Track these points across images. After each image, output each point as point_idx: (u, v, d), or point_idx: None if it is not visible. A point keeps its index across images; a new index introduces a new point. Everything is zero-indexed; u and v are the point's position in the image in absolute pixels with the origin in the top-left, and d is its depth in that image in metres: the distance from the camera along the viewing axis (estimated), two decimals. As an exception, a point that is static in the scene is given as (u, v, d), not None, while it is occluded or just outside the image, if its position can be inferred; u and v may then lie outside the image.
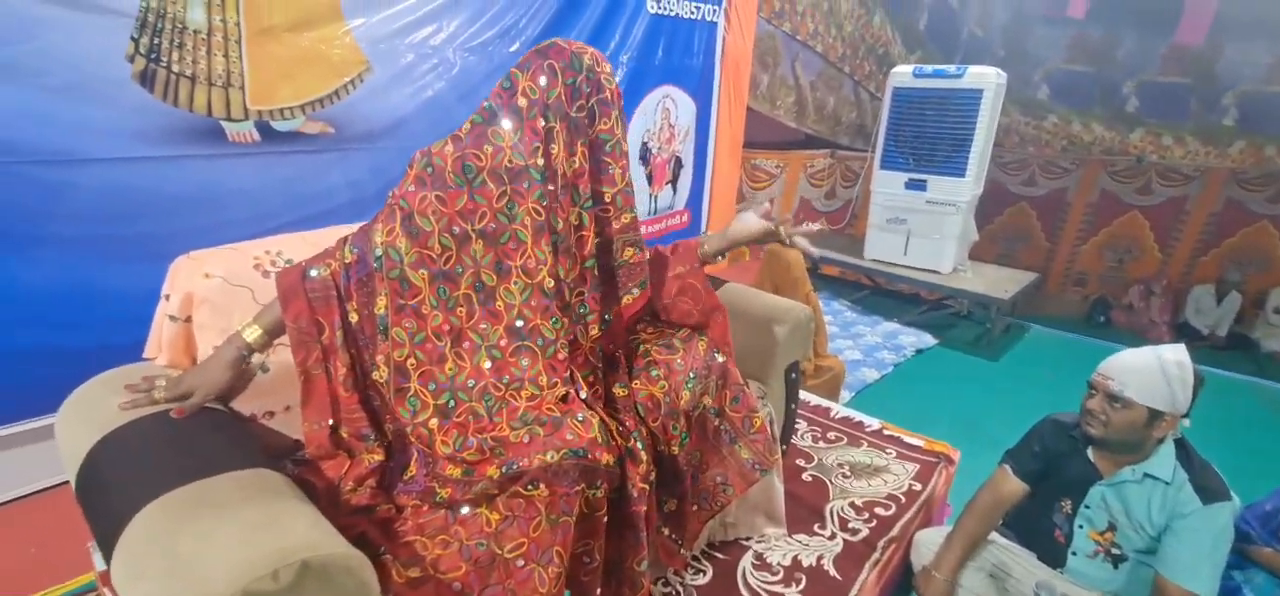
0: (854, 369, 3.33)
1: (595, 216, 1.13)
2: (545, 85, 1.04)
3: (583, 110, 1.07)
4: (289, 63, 2.01)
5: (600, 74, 1.09)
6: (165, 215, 1.81)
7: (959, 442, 2.09)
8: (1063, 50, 5.30)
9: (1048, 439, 1.62)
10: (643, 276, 1.18)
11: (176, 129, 1.81)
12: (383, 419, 1.07)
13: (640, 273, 1.18)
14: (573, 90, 1.06)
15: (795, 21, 4.44)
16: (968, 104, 3.62)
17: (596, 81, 1.08)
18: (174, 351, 1.08)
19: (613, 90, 1.11)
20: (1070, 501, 1.56)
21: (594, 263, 1.13)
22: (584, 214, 1.10)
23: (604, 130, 1.11)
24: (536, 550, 0.93)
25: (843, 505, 1.72)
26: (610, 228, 1.15)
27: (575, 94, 1.06)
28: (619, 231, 1.15)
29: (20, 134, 1.55)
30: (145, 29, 1.71)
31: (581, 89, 1.06)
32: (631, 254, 1.17)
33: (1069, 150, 5.49)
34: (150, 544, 0.67)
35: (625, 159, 1.15)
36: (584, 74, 1.07)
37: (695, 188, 3.85)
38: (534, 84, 1.04)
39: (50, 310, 1.65)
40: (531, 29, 2.64)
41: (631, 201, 1.17)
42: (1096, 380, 1.49)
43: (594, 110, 1.09)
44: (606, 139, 1.11)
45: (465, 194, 1.04)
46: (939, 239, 3.88)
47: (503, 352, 1.08)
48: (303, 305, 1.00)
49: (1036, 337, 4.23)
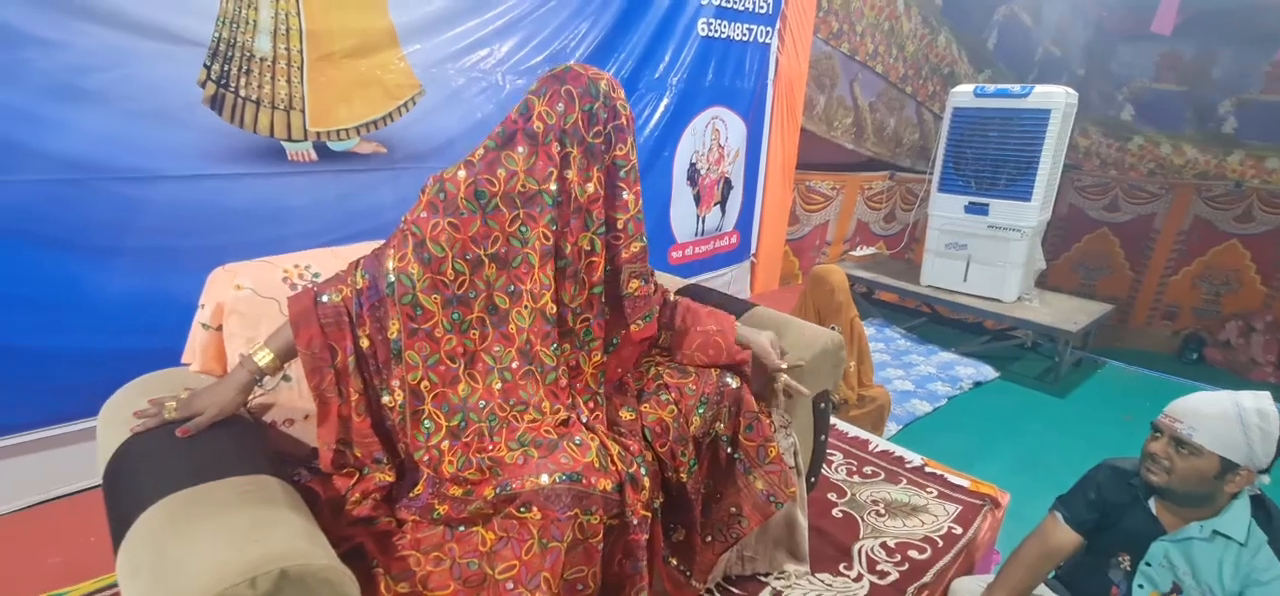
0: (903, 400, 3.19)
1: (607, 242, 1.13)
2: (562, 111, 1.06)
3: (600, 136, 1.08)
4: (346, 87, 2.12)
5: (616, 100, 1.10)
6: (228, 228, 1.94)
7: (1013, 484, 1.96)
8: (1150, 68, 4.97)
9: (1105, 486, 1.49)
10: (648, 309, 1.17)
11: (241, 149, 1.94)
12: (396, 441, 1.08)
13: (645, 305, 1.17)
14: (590, 116, 1.07)
15: (854, 42, 4.34)
16: (1034, 125, 3.43)
17: (613, 107, 1.09)
18: (206, 358, 1.15)
19: (627, 116, 1.12)
20: (1129, 556, 1.43)
21: (602, 289, 1.13)
22: (596, 239, 1.11)
23: (620, 155, 1.11)
24: (526, 573, 0.93)
25: (873, 545, 1.63)
26: (620, 255, 1.15)
27: (592, 120, 1.07)
28: (628, 260, 1.15)
29: (104, 153, 1.69)
30: (217, 57, 1.85)
31: (598, 115, 1.07)
32: (637, 286, 1.16)
33: (1157, 173, 5.13)
34: (147, 543, 0.71)
35: (638, 185, 1.15)
36: (601, 100, 1.08)
37: (745, 209, 3.81)
38: (551, 109, 1.06)
39: (123, 315, 1.79)
40: (580, 52, 2.69)
41: (642, 230, 1.16)
42: (1162, 422, 1.36)
43: (611, 136, 1.10)
44: (622, 165, 1.12)
45: (478, 219, 1.06)
46: (1002, 266, 3.68)
47: (513, 375, 1.09)
48: (315, 330, 1.01)
49: (1112, 374, 3.93)
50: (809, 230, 4.56)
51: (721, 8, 3.17)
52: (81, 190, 1.66)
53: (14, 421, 1.68)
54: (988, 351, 3.95)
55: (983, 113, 3.61)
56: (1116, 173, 5.31)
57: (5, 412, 1.66)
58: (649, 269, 1.19)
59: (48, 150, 1.59)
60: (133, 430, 0.93)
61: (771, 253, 4.00)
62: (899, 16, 4.48)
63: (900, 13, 4.48)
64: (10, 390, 1.64)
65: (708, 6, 3.11)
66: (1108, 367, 4.00)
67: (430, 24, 2.25)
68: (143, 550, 0.71)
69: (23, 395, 1.66)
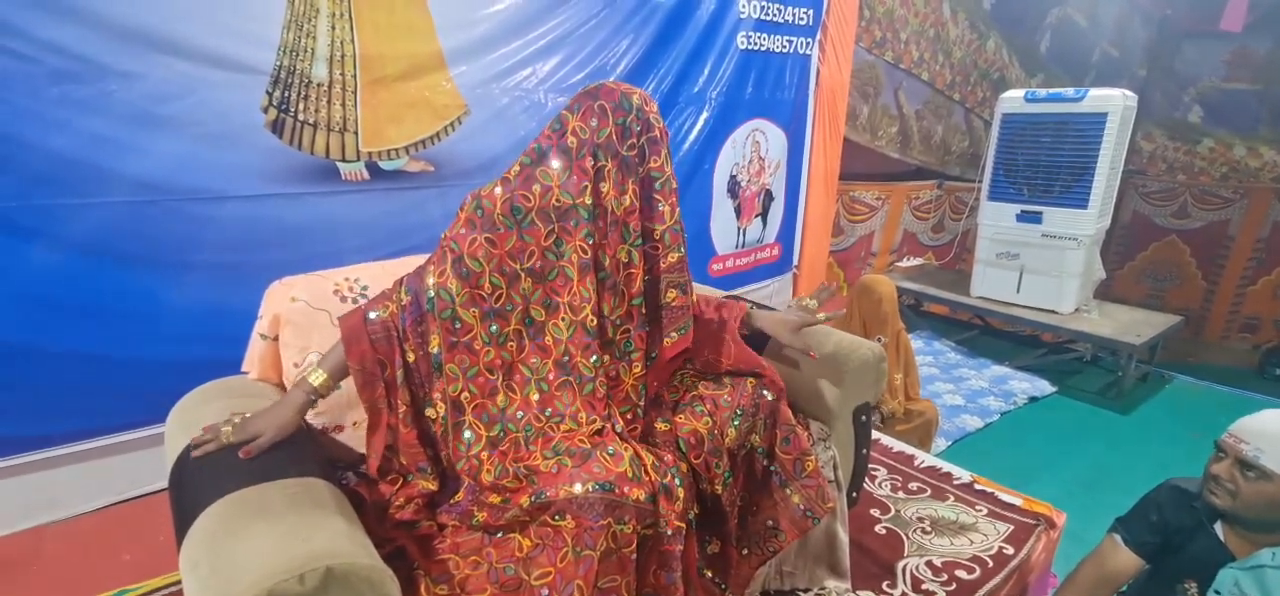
0: (952, 415, 3.09)
1: (645, 253, 1.15)
2: (596, 125, 1.09)
3: (634, 149, 1.10)
4: (397, 108, 2.21)
5: (649, 113, 1.12)
6: (286, 245, 2.04)
7: (1072, 505, 1.88)
8: (1219, 67, 4.71)
9: (1167, 508, 1.42)
10: (684, 321, 1.18)
11: (298, 169, 2.05)
12: (439, 451, 1.12)
13: (682, 316, 1.18)
14: (623, 129, 1.09)
15: (898, 50, 4.26)
16: (1090, 129, 3.30)
17: (645, 120, 1.11)
18: (263, 367, 1.21)
19: (660, 129, 1.14)
20: (1196, 584, 1.35)
21: (642, 300, 1.14)
22: (634, 251, 1.12)
23: (655, 167, 1.13)
24: (561, 580, 0.95)
25: (918, 563, 1.59)
26: (658, 266, 1.16)
27: (625, 133, 1.09)
28: (666, 270, 1.16)
29: (176, 176, 1.81)
30: (278, 84, 1.95)
31: (632, 128, 1.10)
32: (674, 297, 1.17)
33: (1230, 177, 4.84)
34: (205, 540, 0.76)
35: (675, 196, 1.17)
36: (634, 114, 1.10)
37: (786, 221, 3.77)
38: (584, 124, 1.09)
39: (192, 327, 1.90)
40: (620, 69, 2.73)
41: (679, 240, 1.18)
42: (1227, 441, 1.29)
43: (644, 149, 1.12)
44: (656, 176, 1.14)
45: (514, 235, 1.09)
46: (1058, 276, 3.53)
47: (549, 385, 1.12)
48: (366, 347, 1.06)
49: (1181, 390, 3.72)
50: (854, 241, 4.48)
51: (761, 21, 3.17)
52: (156, 211, 1.78)
53: (94, 426, 1.80)
54: (1044, 365, 3.79)
55: (1034, 118, 3.50)
56: (1185, 177, 5.03)
57: (87, 418, 1.78)
58: (687, 278, 1.20)
59: (128, 174, 1.71)
60: (193, 455, 0.95)
61: (814, 264, 3.94)
62: (945, 22, 4.38)
63: (946, 19, 4.38)
64: (93, 396, 1.77)
65: (747, 20, 3.11)
66: (1176, 383, 3.78)
67: (476, 46, 2.33)
68: (201, 547, 0.76)
69: (104, 401, 1.79)
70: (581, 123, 1.09)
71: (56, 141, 1.60)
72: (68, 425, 1.76)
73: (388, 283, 1.30)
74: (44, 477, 1.75)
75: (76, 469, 1.79)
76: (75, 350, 1.72)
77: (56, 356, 1.70)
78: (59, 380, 1.72)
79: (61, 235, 1.65)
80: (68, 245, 1.66)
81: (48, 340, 1.68)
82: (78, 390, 1.75)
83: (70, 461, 1.78)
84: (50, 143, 1.59)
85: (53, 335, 1.68)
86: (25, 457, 1.72)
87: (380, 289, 1.28)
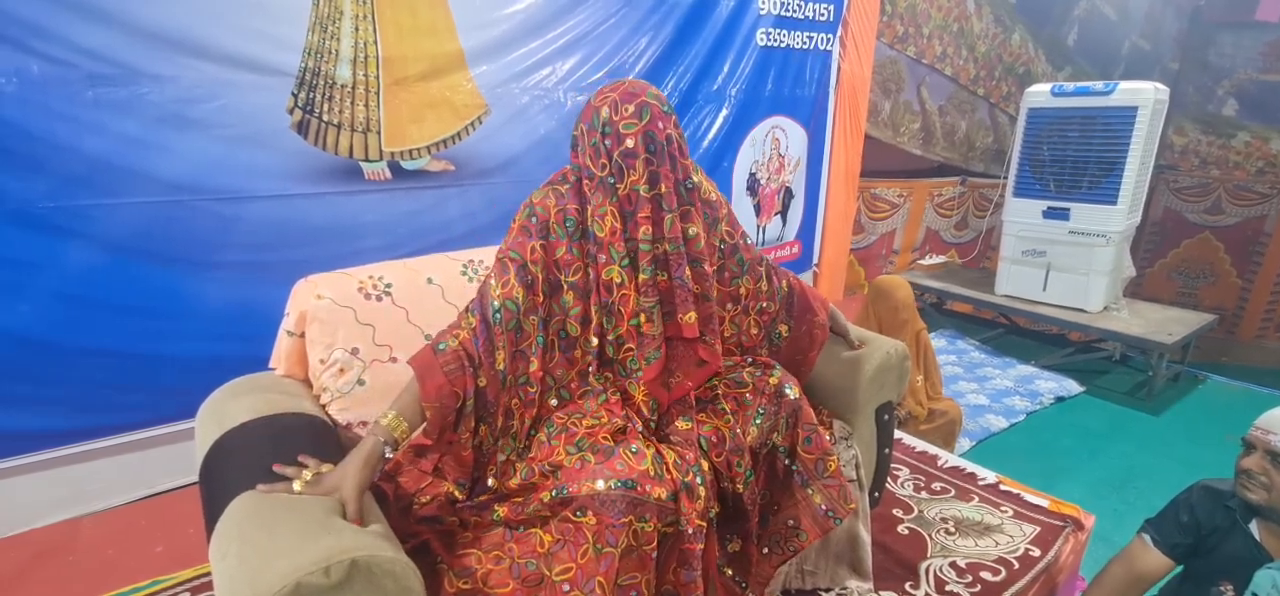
0: (976, 415, 3.04)
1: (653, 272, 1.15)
2: (583, 143, 1.12)
3: (606, 168, 1.11)
4: (418, 108, 2.24)
5: (617, 124, 1.09)
6: (311, 242, 2.08)
7: (1100, 506, 1.85)
8: (1255, 59, 4.58)
9: (1198, 508, 1.38)
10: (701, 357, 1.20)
11: (322, 169, 2.08)
12: (485, 469, 1.11)
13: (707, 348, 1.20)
14: (596, 150, 1.10)
15: (921, 45, 4.21)
16: (1120, 123, 3.23)
17: (616, 134, 1.08)
18: (289, 363, 1.23)
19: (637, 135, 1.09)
20: (1232, 586, 1.32)
21: (639, 321, 1.14)
22: (624, 274, 1.13)
23: (633, 182, 1.10)
24: (582, 576, 0.95)
25: (942, 564, 1.57)
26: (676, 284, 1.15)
27: (598, 154, 1.10)
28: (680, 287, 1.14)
29: (205, 176, 1.85)
30: (303, 86, 1.99)
31: (602, 148, 1.09)
32: (691, 318, 1.16)
33: (1267, 172, 4.70)
34: (234, 532, 0.78)
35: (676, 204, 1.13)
36: (601, 130, 1.09)
37: (806, 218, 3.74)
38: (582, 141, 1.13)
39: (219, 324, 1.94)
40: (639, 68, 2.73)
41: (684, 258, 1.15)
42: (1254, 435, 1.26)
43: (621, 167, 1.10)
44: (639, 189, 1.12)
45: (564, 245, 1.12)
46: (1085, 273, 3.46)
47: (572, 394, 1.15)
48: (441, 379, 1.01)
49: (1215, 390, 3.62)
50: (875, 239, 4.43)
51: (781, 17, 3.14)
52: (185, 210, 1.82)
53: (126, 421, 1.85)
54: (1071, 365, 3.71)
55: (1061, 112, 3.42)
56: (1219, 172, 4.90)
57: (120, 413, 1.83)
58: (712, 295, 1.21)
59: (159, 175, 1.75)
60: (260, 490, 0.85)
61: (835, 262, 3.91)
62: (969, 17, 4.31)
63: (970, 13, 4.31)
64: (125, 391, 1.81)
65: (767, 17, 3.09)
66: (1209, 383, 3.69)
67: (496, 46, 2.34)
68: (230, 539, 0.78)
69: (135, 396, 1.83)
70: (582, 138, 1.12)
71: (91, 143, 1.64)
72: (102, 420, 1.81)
73: (412, 280, 1.32)
74: (79, 470, 1.80)
75: (110, 462, 1.84)
76: (109, 347, 1.77)
77: (91, 353, 1.74)
78: (93, 376, 1.76)
79: (96, 235, 1.70)
80: (102, 245, 1.71)
81: (83, 337, 1.73)
82: (111, 386, 1.79)
83: (104, 455, 1.83)
84: (84, 144, 1.64)
85: (87, 332, 1.73)
86: (61, 451, 1.77)
87: (403, 285, 1.30)
